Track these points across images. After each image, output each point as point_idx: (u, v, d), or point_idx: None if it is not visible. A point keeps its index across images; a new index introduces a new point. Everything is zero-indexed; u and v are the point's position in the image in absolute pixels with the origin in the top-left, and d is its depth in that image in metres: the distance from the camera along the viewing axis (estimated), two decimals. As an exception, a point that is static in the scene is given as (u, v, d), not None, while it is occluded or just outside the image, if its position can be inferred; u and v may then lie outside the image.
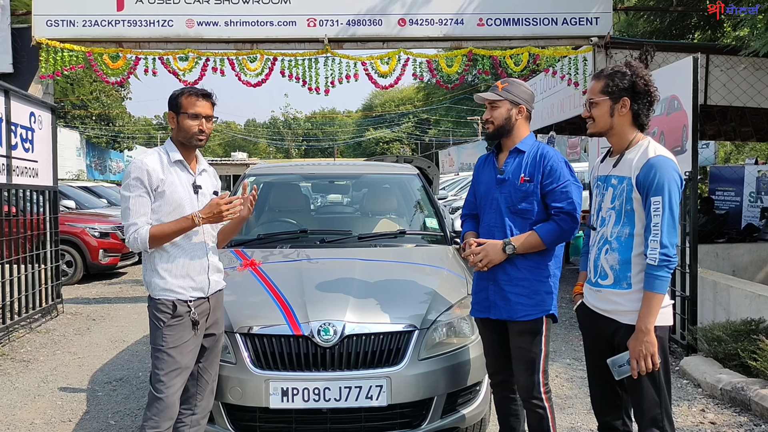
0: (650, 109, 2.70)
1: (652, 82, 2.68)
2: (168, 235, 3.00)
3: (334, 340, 3.24)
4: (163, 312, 3.01)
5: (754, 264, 7.66)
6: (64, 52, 7.76)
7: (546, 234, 3.03)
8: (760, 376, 4.63)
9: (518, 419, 3.34)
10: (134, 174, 2.99)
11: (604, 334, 2.77)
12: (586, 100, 2.80)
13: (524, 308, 3.07)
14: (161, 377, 2.98)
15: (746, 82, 7.58)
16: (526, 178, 3.08)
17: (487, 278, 3.17)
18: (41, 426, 4.37)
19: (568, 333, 6.76)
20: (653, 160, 2.58)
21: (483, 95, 3.20)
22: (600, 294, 2.77)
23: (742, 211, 12.98)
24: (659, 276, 2.52)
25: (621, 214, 2.69)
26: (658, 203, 2.53)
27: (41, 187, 7.35)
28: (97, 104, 34.31)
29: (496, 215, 3.16)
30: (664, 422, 2.63)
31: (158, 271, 3.04)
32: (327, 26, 7.90)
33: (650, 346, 2.53)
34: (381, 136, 57.23)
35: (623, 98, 2.67)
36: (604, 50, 7.91)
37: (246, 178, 5.37)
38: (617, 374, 2.66)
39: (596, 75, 2.78)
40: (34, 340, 6.65)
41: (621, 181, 2.69)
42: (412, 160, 11.62)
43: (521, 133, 3.18)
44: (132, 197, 2.99)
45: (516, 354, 3.13)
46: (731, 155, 22.60)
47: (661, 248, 2.51)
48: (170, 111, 3.11)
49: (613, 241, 2.71)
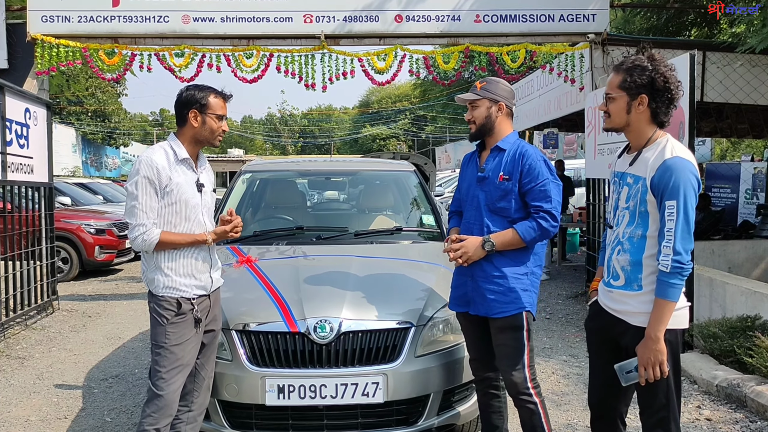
0: (670, 107, 2.58)
1: (674, 79, 2.54)
2: (177, 245, 3.05)
3: (331, 337, 3.24)
4: (167, 309, 3.01)
5: (750, 261, 7.67)
6: (59, 48, 7.72)
7: (525, 232, 3.03)
8: (756, 372, 4.64)
9: (501, 417, 3.34)
10: (144, 172, 2.96)
11: (611, 333, 2.72)
12: (604, 94, 2.69)
13: (499, 305, 3.08)
14: (163, 374, 2.97)
15: (743, 79, 7.57)
16: (505, 176, 3.09)
17: (465, 274, 3.19)
18: (37, 423, 4.36)
19: (564, 330, 6.77)
20: (670, 161, 2.47)
21: (462, 96, 3.24)
22: (612, 294, 2.71)
23: (738, 208, 13.00)
24: (672, 283, 2.43)
25: (635, 214, 2.60)
26: (673, 207, 2.43)
27: (36, 184, 7.32)
28: (93, 100, 34.20)
29: (476, 212, 3.18)
30: (671, 425, 2.58)
31: (162, 268, 3.03)
32: (323, 22, 7.88)
33: (659, 354, 2.46)
34: (378, 132, 57.12)
35: (641, 95, 2.56)
36: (600, 47, 7.90)
37: (242, 175, 5.36)
38: (624, 380, 2.60)
39: (616, 67, 2.65)
40: (29, 337, 6.63)
41: (636, 180, 2.59)
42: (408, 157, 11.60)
43: (503, 130, 3.19)
44: (140, 196, 2.96)
45: (499, 351, 3.14)
46: (727, 152, 22.64)
47: (674, 254, 2.41)
48: (194, 109, 3.06)
49: (625, 241, 2.64)
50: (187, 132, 3.10)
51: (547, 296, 8.56)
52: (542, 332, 6.70)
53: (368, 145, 56.72)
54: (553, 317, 7.36)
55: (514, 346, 3.08)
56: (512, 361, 3.09)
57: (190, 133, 3.10)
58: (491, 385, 3.30)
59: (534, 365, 3.14)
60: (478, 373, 3.33)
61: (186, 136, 3.10)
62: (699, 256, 6.58)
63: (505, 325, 3.09)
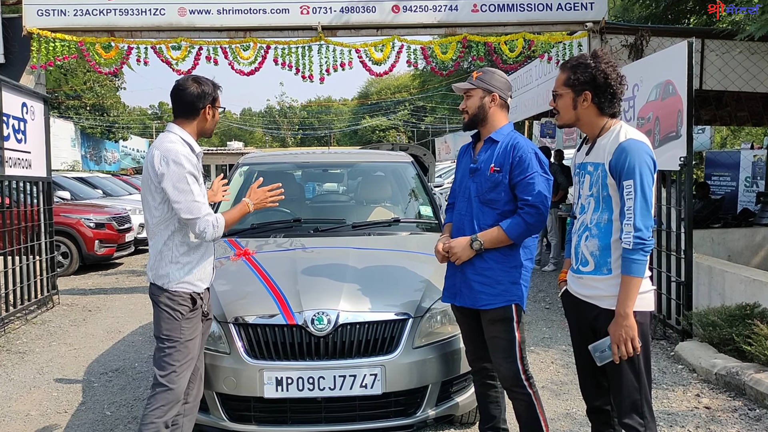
0: (614, 101, 2.67)
1: (615, 75, 2.64)
2: (234, 221, 3.18)
3: (328, 329, 3.24)
4: (182, 305, 3.01)
5: (749, 249, 7.66)
6: (55, 42, 7.70)
7: (511, 229, 3.02)
8: (755, 360, 4.64)
9: (498, 406, 3.35)
10: (188, 168, 2.95)
11: (586, 320, 2.77)
12: (552, 92, 2.79)
13: (486, 297, 3.08)
14: (176, 368, 2.98)
15: (742, 67, 7.55)
16: (496, 168, 3.08)
17: (455, 266, 3.21)
18: (37, 417, 4.37)
19: (563, 319, 6.76)
20: (624, 143, 2.57)
21: (458, 85, 3.24)
22: (582, 280, 2.77)
23: (737, 196, 13.00)
24: (635, 259, 2.51)
25: (599, 200, 2.69)
26: (630, 186, 2.52)
27: (35, 179, 7.31)
28: (91, 94, 34.13)
29: (467, 203, 3.19)
30: (644, 408, 2.62)
31: (180, 263, 3.03)
32: (320, 13, 7.84)
33: (630, 330, 2.53)
34: (377, 124, 57.01)
35: (585, 91, 2.66)
36: (599, 35, 7.87)
37: (239, 167, 5.35)
38: (599, 360, 2.66)
39: (562, 66, 2.78)
40: (29, 331, 6.64)
41: (596, 167, 2.69)
42: (407, 148, 11.59)
43: (497, 122, 3.18)
44: (193, 190, 2.96)
45: (491, 344, 3.14)
46: (727, 140, 22.59)
47: (635, 231, 2.50)
48: (209, 104, 3.12)
49: (593, 227, 2.71)
50: (198, 125, 3.13)
51: (546, 286, 8.56)
52: (542, 322, 6.71)
53: (368, 136, 56.64)
54: (552, 307, 7.37)
55: (504, 338, 3.08)
56: (504, 353, 3.09)
57: (201, 126, 3.14)
58: (488, 375, 3.31)
59: (526, 357, 3.13)
60: (474, 364, 3.34)
61: (195, 128, 3.13)
62: (698, 244, 6.57)
63: (495, 317, 3.09)
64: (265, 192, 3.26)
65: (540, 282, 8.86)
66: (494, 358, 3.15)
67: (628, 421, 2.64)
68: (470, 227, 3.14)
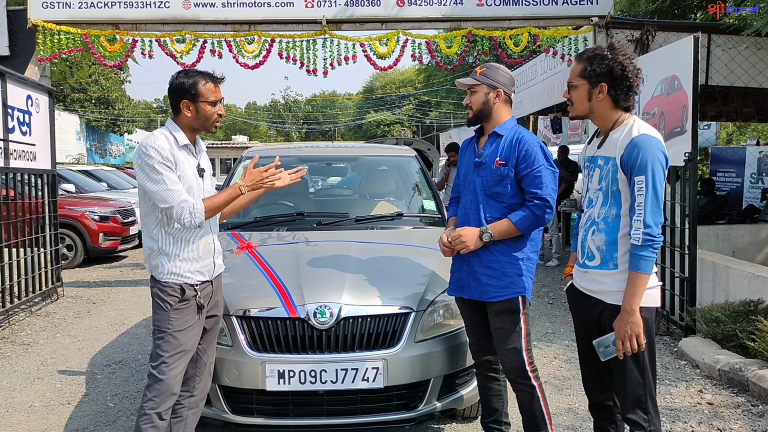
0: (629, 94, 2.66)
1: (632, 68, 2.62)
2: (219, 206, 3.05)
3: (331, 323, 3.24)
4: (171, 295, 3.00)
5: (754, 245, 7.64)
6: (60, 34, 7.70)
7: (519, 221, 3.04)
8: (758, 356, 4.63)
9: (501, 400, 3.36)
10: (157, 158, 2.90)
11: (591, 315, 2.77)
12: (567, 82, 2.77)
13: (494, 289, 3.10)
14: (165, 359, 2.98)
15: (748, 62, 7.51)
16: (501, 161, 3.10)
17: (462, 259, 3.21)
18: (40, 409, 4.39)
19: (567, 314, 6.76)
20: (637, 139, 2.55)
21: (462, 81, 3.24)
22: (587, 275, 2.76)
23: (743, 192, 12.95)
24: (643, 256, 2.50)
25: (608, 194, 2.67)
26: (642, 182, 2.50)
27: (39, 171, 7.33)
28: (96, 87, 34.14)
29: (473, 197, 3.19)
30: (648, 404, 2.62)
31: (167, 254, 3.02)
32: (325, 7, 7.83)
33: (635, 327, 2.52)
34: (382, 118, 56.95)
35: (601, 83, 2.64)
36: (604, 30, 7.83)
37: (243, 161, 5.34)
38: (603, 355, 2.65)
39: (578, 56, 2.75)
40: (34, 323, 6.66)
41: (607, 161, 2.67)
42: (411, 143, 11.59)
43: (501, 117, 3.19)
44: (166, 178, 2.90)
45: (497, 335, 3.15)
46: (733, 136, 22.51)
47: (644, 228, 2.48)
48: (185, 99, 3.01)
49: (600, 222, 2.70)
50: (182, 121, 3.08)
51: (550, 281, 8.56)
52: (545, 317, 6.70)
53: (372, 131, 56.62)
54: (555, 302, 7.36)
55: (511, 329, 3.09)
56: (510, 344, 3.09)
57: (185, 122, 3.07)
58: (491, 368, 3.31)
59: (531, 349, 3.15)
60: (477, 357, 3.34)
61: (182, 124, 3.08)
62: (703, 240, 6.56)
63: (502, 309, 3.10)
64: (261, 173, 3.10)
65: (543, 277, 8.85)
66: (500, 349, 3.15)
67: (631, 416, 2.63)
68: (476, 220, 3.15)
